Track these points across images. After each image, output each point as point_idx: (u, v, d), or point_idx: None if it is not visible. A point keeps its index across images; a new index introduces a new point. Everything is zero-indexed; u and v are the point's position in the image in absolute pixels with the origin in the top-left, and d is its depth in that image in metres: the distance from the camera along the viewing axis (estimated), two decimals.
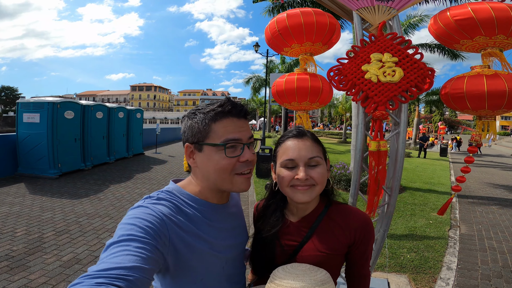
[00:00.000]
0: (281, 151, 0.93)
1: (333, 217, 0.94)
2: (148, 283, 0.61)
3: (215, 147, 0.78)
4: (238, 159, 0.80)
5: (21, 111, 7.40)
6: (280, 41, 2.05)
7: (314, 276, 0.73)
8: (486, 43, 1.61)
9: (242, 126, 0.82)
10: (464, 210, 5.75)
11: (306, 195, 0.87)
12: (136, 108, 12.04)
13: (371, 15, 1.89)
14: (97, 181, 7.10)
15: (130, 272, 0.57)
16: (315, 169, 0.88)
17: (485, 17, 1.52)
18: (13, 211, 4.69)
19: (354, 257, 0.94)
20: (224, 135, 0.78)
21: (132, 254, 0.60)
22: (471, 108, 1.64)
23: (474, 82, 1.57)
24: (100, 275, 0.54)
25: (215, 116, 0.80)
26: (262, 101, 26.73)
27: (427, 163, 13.30)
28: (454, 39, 1.71)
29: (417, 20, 11.59)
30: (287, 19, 1.94)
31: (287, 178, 0.89)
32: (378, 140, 1.64)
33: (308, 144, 0.91)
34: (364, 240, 0.92)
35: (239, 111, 0.82)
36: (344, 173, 6.75)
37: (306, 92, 1.93)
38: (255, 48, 17.62)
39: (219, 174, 0.79)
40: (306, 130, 0.97)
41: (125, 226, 0.68)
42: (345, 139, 26.08)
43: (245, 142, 0.81)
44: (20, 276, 2.85)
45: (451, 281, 3.05)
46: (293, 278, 0.73)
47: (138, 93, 77.15)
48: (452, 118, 49.66)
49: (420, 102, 21.22)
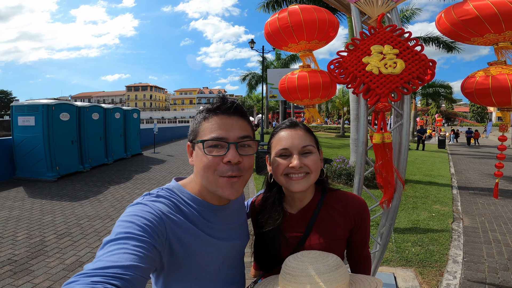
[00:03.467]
0: (275, 142, 0.95)
1: (331, 204, 0.97)
2: (145, 282, 0.60)
3: (201, 145, 0.77)
4: (222, 159, 0.76)
5: (15, 114, 7.32)
6: (281, 38, 2.03)
7: (327, 262, 0.74)
8: (496, 38, 1.61)
9: (231, 125, 0.78)
10: (465, 202, 5.77)
11: (301, 184, 0.89)
12: (133, 108, 11.96)
13: (370, 7, 1.88)
14: (96, 183, 7.06)
15: (127, 271, 0.56)
16: (309, 157, 0.91)
17: (489, 14, 1.51)
18: (13, 215, 4.65)
19: (355, 240, 0.99)
20: (209, 133, 0.77)
21: (129, 252, 0.59)
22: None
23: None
24: (96, 273, 0.53)
25: (206, 114, 0.80)
26: (259, 97, 26.68)
27: (426, 155, 13.38)
28: (464, 37, 1.71)
29: (410, 12, 11.59)
30: (289, 17, 1.92)
31: (281, 166, 0.91)
32: (382, 132, 1.63)
33: (301, 133, 0.93)
34: (363, 223, 0.97)
35: (228, 107, 0.79)
36: (344, 167, 6.76)
37: (318, 88, 1.92)
38: (251, 45, 17.55)
39: (203, 173, 0.77)
40: (299, 121, 0.99)
41: (123, 223, 0.66)
42: (343, 133, 26.13)
43: (232, 141, 0.77)
44: (24, 281, 2.83)
45: (458, 274, 3.04)
46: (307, 266, 0.72)
47: (134, 93, 76.62)
48: (448, 111, 49.88)
49: (416, 95, 21.30)
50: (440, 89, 20.15)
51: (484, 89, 1.64)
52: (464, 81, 1.79)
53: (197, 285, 0.80)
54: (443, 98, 22.39)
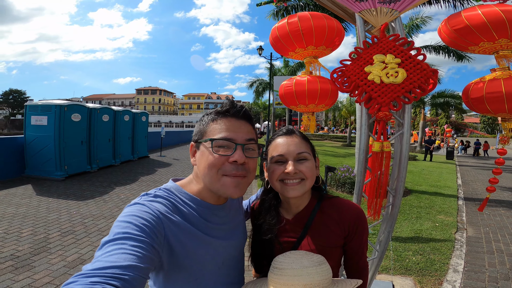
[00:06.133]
0: (272, 148, 0.97)
1: (326, 211, 0.97)
2: (144, 282, 0.61)
3: (208, 144, 0.79)
4: (227, 159, 0.78)
5: (29, 113, 7.53)
6: (290, 43, 2.05)
7: (311, 258, 0.80)
8: (493, 47, 1.60)
9: (239, 127, 0.81)
10: (471, 213, 5.67)
11: (296, 190, 0.91)
12: (142, 111, 12.16)
13: (374, 17, 1.90)
14: (103, 183, 7.17)
15: (126, 271, 0.56)
16: (304, 164, 0.92)
17: (479, 24, 1.52)
18: (19, 212, 4.75)
19: (350, 249, 0.98)
20: (217, 133, 0.80)
21: (128, 252, 0.59)
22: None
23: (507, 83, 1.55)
24: (95, 274, 0.54)
25: (215, 116, 0.83)
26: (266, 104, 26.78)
27: (433, 166, 13.15)
28: (461, 47, 1.72)
29: (420, 21, 11.55)
30: (299, 22, 1.95)
31: (276, 172, 0.93)
32: (382, 141, 1.63)
33: (297, 140, 0.95)
34: (358, 232, 0.95)
35: (237, 111, 0.83)
36: (349, 176, 6.71)
37: (315, 95, 1.93)
38: (259, 51, 17.70)
39: (208, 171, 0.79)
40: (296, 129, 1.01)
41: (121, 223, 0.67)
42: (349, 143, 25.91)
43: (240, 142, 0.80)
44: (24, 276, 2.88)
45: (458, 283, 3.00)
46: (292, 260, 0.79)
47: (143, 97, 77.82)
48: (458, 121, 49.09)
49: (425, 105, 21.05)
50: (450, 99, 19.88)
51: (480, 96, 1.63)
52: (467, 88, 1.77)
53: (197, 285, 0.80)
54: (453, 108, 22.05)
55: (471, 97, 1.68)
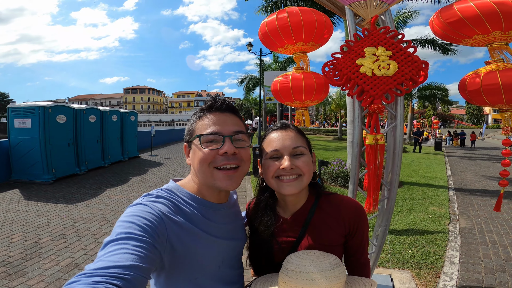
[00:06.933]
0: (266, 144, 0.93)
1: (325, 209, 0.94)
2: (145, 282, 0.61)
3: (197, 141, 0.81)
4: (218, 151, 0.79)
5: (12, 116, 7.28)
6: (279, 39, 2.04)
7: (328, 260, 0.76)
8: (487, 39, 1.62)
9: (224, 120, 0.82)
10: (462, 204, 5.80)
11: (293, 186, 0.87)
12: (130, 110, 11.95)
13: (364, 9, 1.90)
14: (93, 185, 7.02)
15: (128, 271, 0.56)
16: (300, 158, 0.88)
17: (472, 16, 1.53)
18: (8, 217, 4.61)
19: (351, 246, 0.95)
20: (205, 129, 0.81)
21: (130, 252, 0.60)
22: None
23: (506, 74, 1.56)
24: (97, 273, 0.54)
25: (200, 114, 0.85)
26: (256, 100, 26.70)
27: (423, 157, 13.44)
28: (454, 40, 1.74)
29: (407, 15, 11.71)
30: (288, 17, 1.93)
31: (272, 168, 0.88)
32: (375, 134, 1.64)
33: (292, 135, 0.92)
34: (359, 228, 0.92)
35: (220, 104, 0.84)
36: (341, 169, 6.77)
37: (312, 89, 1.92)
38: (249, 47, 17.57)
39: (200, 167, 0.80)
40: (290, 123, 0.98)
41: (123, 223, 0.67)
42: (340, 136, 26.19)
43: (227, 134, 0.80)
44: (18, 282, 2.80)
45: (455, 275, 3.04)
46: (309, 263, 0.75)
47: (131, 96, 76.35)
48: (445, 113, 50.23)
49: (413, 98, 21.44)
50: (436, 91, 20.31)
51: (477, 89, 1.66)
52: (464, 81, 1.79)
53: (197, 285, 0.80)
54: (439, 100, 22.55)
55: (468, 90, 1.70)
